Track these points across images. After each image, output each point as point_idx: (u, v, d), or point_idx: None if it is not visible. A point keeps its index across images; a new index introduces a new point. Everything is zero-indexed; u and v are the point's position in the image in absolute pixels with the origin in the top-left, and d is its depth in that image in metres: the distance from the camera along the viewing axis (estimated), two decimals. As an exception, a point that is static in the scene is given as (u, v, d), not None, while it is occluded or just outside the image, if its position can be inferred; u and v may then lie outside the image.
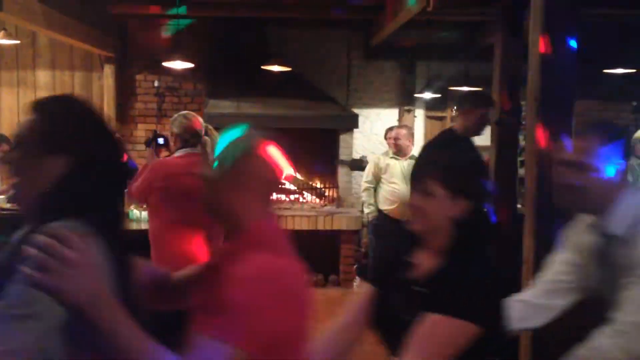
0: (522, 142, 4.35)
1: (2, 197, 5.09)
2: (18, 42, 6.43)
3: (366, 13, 6.34)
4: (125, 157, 1.45)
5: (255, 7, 6.05)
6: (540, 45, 2.56)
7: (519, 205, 4.17)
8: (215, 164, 1.39)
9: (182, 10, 5.90)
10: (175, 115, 3.48)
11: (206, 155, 3.30)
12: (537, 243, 2.63)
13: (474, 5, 4.20)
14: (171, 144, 3.49)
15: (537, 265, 2.68)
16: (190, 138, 3.33)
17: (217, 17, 6.61)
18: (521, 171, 3.90)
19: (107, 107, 6.84)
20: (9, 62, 7.06)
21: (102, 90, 6.98)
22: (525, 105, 3.08)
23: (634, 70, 6.25)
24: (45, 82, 7.11)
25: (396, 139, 5.29)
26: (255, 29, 6.68)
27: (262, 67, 6.12)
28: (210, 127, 3.95)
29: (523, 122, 3.91)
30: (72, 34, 5.56)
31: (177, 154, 3.37)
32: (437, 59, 7.18)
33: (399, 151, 5.28)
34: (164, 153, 3.81)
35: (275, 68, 6.10)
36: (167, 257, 3.25)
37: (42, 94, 6.99)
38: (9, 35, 5.89)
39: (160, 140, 3.70)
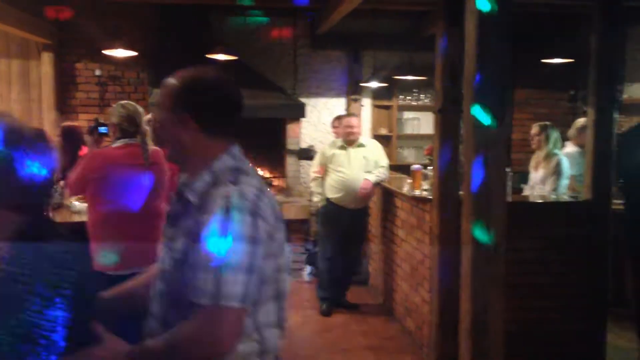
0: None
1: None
2: (-52, 28, 6.13)
3: (312, 1, 6.33)
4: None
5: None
6: (474, 34, 2.63)
7: (460, 193, 4.28)
8: None
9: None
10: (115, 105, 3.42)
11: (145, 146, 3.25)
12: (473, 224, 2.72)
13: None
14: (110, 133, 3.43)
15: (472, 246, 2.76)
16: (128, 128, 3.27)
17: (160, 4, 6.48)
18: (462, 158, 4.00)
19: (46, 97, 6.62)
20: (-61, 49, 6.74)
21: (40, 79, 6.74)
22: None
23: (571, 60, 6.47)
24: (-21, 71, 6.82)
25: (350, 126, 5.27)
26: (199, 16, 6.58)
27: (207, 55, 6.04)
28: (151, 117, 3.89)
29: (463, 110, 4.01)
30: (4, 19, 5.34)
31: (115, 144, 3.31)
32: (382, 48, 7.25)
33: (351, 140, 5.26)
34: (105, 143, 3.73)
35: (221, 57, 6.04)
36: (106, 248, 3.20)
37: (-23, 82, 6.75)
38: (-63, 21, 5.61)
39: (102, 129, 3.63)
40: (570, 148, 5.22)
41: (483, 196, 2.72)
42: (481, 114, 2.77)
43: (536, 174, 5.10)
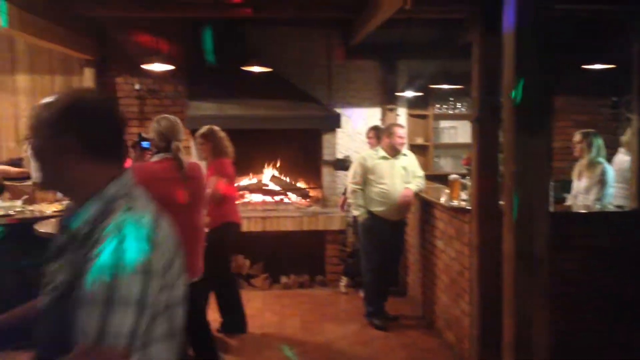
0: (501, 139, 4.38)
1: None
2: (-5, 46, 6.35)
3: (346, 12, 6.33)
4: None
5: (233, 7, 6.01)
6: (512, 41, 2.58)
7: (501, 203, 4.19)
8: None
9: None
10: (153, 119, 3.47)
11: (180, 160, 3.28)
12: (515, 237, 2.65)
13: (450, 3, 4.21)
14: (151, 148, 3.49)
15: (515, 259, 2.70)
16: (160, 142, 3.31)
17: (196, 18, 6.57)
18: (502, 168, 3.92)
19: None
20: (-13, 67, 6.98)
21: (82, 94, 6.90)
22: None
23: (613, 66, 6.30)
24: (24, 87, 7.03)
25: (401, 136, 5.14)
26: (234, 29, 6.66)
27: (242, 68, 6.11)
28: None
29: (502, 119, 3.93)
30: (49, 37, 5.50)
31: (153, 159, 3.36)
32: (417, 57, 7.20)
33: (393, 150, 5.13)
34: (148, 156, 3.78)
35: (256, 69, 6.09)
36: None
37: (22, 98, 6.97)
38: (-15, 40, 5.83)
39: (145, 144, 3.68)
40: (622, 155, 5.05)
41: (525, 207, 2.66)
42: (521, 123, 2.71)
43: (579, 183, 4.96)
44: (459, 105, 7.53)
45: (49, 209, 4.79)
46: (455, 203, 4.53)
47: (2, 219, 4.50)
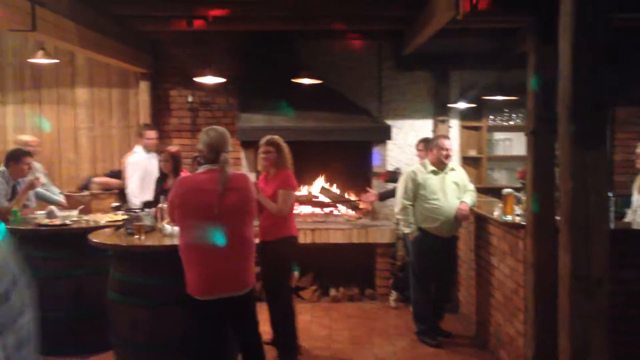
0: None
1: (41, 212, 5.19)
2: (57, 61, 6.61)
3: (396, 23, 6.28)
4: None
5: (284, 20, 6.06)
6: (569, 51, 2.47)
7: (557, 218, 4.02)
8: None
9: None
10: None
11: (224, 171, 3.27)
12: (572, 258, 2.52)
13: (505, 13, 4.09)
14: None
15: (571, 280, 2.56)
16: (208, 154, 3.32)
17: (247, 31, 6.65)
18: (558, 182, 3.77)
19: (143, 122, 6.94)
20: (49, 80, 7.26)
21: (138, 106, 7.10)
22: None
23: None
24: (84, 100, 7.28)
25: (446, 148, 4.96)
26: (285, 41, 6.70)
27: (293, 80, 6.13)
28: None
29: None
30: (106, 52, 5.68)
31: (199, 170, 3.37)
32: (470, 68, 7.06)
33: (441, 163, 4.98)
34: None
35: (306, 81, 6.10)
36: (191, 273, 3.26)
37: (82, 111, 7.22)
38: (47, 55, 6.06)
39: None
40: None
41: (582, 225, 2.53)
42: (577, 136, 2.59)
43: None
44: (513, 116, 7.33)
45: (103, 219, 4.91)
46: (509, 218, 4.38)
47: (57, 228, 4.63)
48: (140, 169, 6.12)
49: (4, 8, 3.93)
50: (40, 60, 6.08)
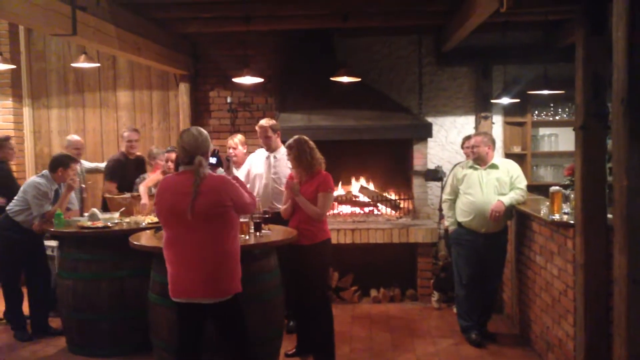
0: (610, 148, 4.02)
1: (85, 215, 5.27)
2: (99, 64, 6.71)
3: (436, 18, 6.15)
4: None
5: (323, 17, 6.00)
6: (624, 41, 2.33)
7: (609, 216, 3.85)
8: None
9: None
10: None
11: (197, 175, 3.13)
12: (629, 260, 2.38)
13: (551, 4, 3.94)
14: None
15: (629, 284, 2.42)
16: (182, 156, 3.25)
17: (285, 30, 6.62)
18: (610, 179, 3.60)
19: (183, 124, 6.99)
20: (92, 84, 7.39)
21: (178, 108, 7.16)
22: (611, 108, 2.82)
23: None
24: (125, 102, 7.39)
25: (474, 146, 4.99)
26: (323, 40, 6.63)
27: (331, 78, 6.07)
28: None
29: (610, 126, 3.61)
30: (145, 55, 5.73)
31: (180, 170, 3.31)
32: (514, 62, 6.87)
33: (477, 159, 4.96)
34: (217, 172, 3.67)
35: (344, 79, 6.03)
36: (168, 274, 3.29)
37: (123, 113, 7.32)
38: (89, 59, 6.15)
39: (212, 160, 3.50)
40: None
41: (639, 224, 2.38)
42: (633, 131, 2.45)
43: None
44: (559, 111, 7.10)
45: (144, 220, 4.94)
46: (556, 217, 4.21)
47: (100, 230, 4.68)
48: None
49: (45, 12, 3.98)
50: (82, 64, 6.18)
